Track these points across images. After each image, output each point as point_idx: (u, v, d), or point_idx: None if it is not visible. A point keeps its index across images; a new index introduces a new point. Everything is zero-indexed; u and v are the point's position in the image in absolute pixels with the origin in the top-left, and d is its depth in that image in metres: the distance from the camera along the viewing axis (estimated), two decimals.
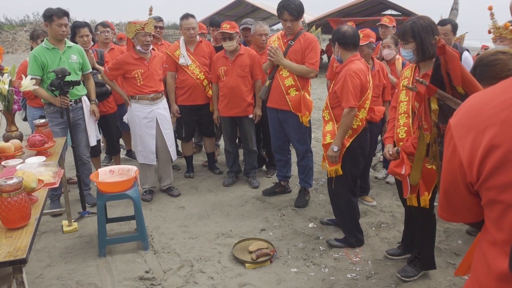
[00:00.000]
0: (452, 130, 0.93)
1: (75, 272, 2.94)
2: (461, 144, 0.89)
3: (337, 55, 3.16)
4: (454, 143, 0.91)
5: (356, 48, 3.10)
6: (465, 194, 0.95)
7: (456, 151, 0.91)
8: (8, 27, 21.65)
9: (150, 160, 4.14)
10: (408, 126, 2.60)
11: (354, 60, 3.04)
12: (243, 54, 4.25)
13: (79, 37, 4.24)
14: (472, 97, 0.94)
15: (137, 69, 3.95)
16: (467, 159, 0.88)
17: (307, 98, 3.83)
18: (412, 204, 2.65)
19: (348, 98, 2.95)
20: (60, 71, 3.43)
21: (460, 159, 0.90)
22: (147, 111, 4.03)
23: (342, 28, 3.07)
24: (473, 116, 0.88)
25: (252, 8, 19.80)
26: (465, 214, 1.02)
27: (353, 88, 2.94)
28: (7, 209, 1.79)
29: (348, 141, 3.06)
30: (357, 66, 3.01)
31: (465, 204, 0.98)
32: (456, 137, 0.91)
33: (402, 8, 15.59)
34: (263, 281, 2.83)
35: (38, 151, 2.89)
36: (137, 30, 3.84)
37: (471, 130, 0.87)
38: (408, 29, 2.43)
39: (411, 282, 2.78)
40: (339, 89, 3.01)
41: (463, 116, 0.91)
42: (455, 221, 1.12)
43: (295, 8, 3.61)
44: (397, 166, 2.59)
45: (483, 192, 0.89)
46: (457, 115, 0.94)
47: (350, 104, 2.94)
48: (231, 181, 4.62)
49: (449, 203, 1.03)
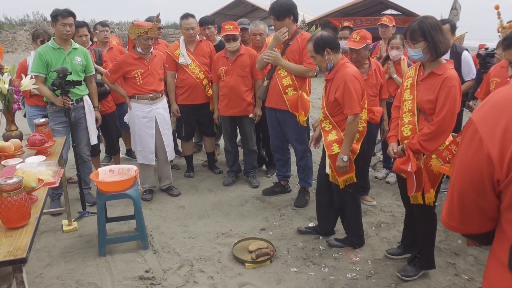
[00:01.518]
0: (476, 124, 0.87)
1: (75, 272, 2.94)
2: (490, 138, 0.83)
3: (329, 62, 2.95)
4: (480, 137, 0.86)
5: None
6: (488, 194, 0.88)
7: (483, 146, 0.85)
8: (8, 27, 21.66)
9: (149, 160, 4.15)
10: (414, 124, 2.61)
11: (345, 63, 2.97)
12: (243, 54, 4.25)
13: (77, 37, 4.26)
14: (496, 92, 0.89)
15: (137, 69, 3.95)
16: (497, 153, 0.82)
17: (304, 98, 3.83)
18: (417, 202, 2.65)
19: (352, 104, 2.85)
20: (61, 70, 3.44)
21: (488, 153, 0.84)
22: (146, 110, 4.03)
23: (324, 34, 2.95)
24: (503, 109, 0.83)
25: (252, 8, 19.81)
26: (478, 221, 0.95)
27: (355, 93, 2.85)
28: (7, 209, 1.79)
29: (358, 145, 3.00)
30: (352, 69, 2.93)
31: (482, 209, 0.92)
32: (482, 131, 0.85)
33: (402, 8, 15.58)
34: (263, 280, 2.83)
35: (38, 151, 2.89)
36: (140, 33, 3.84)
37: (501, 122, 0.82)
38: (417, 29, 2.43)
39: (411, 282, 2.78)
40: (340, 97, 2.88)
41: (491, 110, 0.86)
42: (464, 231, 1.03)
43: (276, 8, 3.64)
44: (403, 163, 2.59)
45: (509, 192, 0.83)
46: (482, 109, 0.88)
47: (356, 110, 2.86)
48: (231, 180, 4.62)
49: (462, 209, 0.95)
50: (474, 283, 2.78)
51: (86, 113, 3.91)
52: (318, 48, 2.93)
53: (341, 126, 2.99)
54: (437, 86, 2.45)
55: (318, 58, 2.97)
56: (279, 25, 3.71)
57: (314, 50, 2.95)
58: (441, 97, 2.43)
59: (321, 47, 2.92)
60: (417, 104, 2.59)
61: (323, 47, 2.91)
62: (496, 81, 3.23)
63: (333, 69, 2.97)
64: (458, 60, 3.93)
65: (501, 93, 0.87)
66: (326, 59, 2.94)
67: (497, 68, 3.28)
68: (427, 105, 2.51)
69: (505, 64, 3.15)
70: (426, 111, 2.54)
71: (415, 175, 2.58)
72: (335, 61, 2.96)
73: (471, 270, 2.93)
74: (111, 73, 4.02)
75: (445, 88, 2.41)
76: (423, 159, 2.57)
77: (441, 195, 4.01)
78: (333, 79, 2.97)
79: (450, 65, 2.51)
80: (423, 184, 2.59)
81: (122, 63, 3.97)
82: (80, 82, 3.68)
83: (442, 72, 2.46)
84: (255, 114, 4.35)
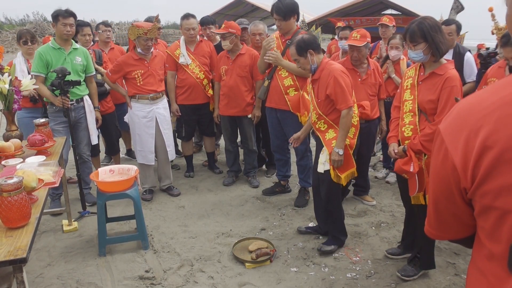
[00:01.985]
0: (442, 135, 0.89)
1: (75, 272, 2.94)
2: (454, 147, 0.85)
3: (313, 63, 2.98)
4: (446, 147, 0.87)
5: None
6: (458, 202, 0.89)
7: (449, 155, 0.86)
8: (8, 27, 21.69)
9: (148, 160, 4.15)
10: (415, 124, 2.61)
11: (329, 61, 3.01)
12: (244, 54, 4.25)
13: (81, 36, 4.27)
14: (461, 101, 0.89)
15: (137, 69, 3.96)
16: (460, 162, 0.84)
17: (306, 98, 3.83)
18: (419, 203, 2.65)
19: (346, 98, 2.89)
20: (60, 71, 3.45)
21: (453, 163, 0.85)
22: (147, 110, 4.03)
23: (304, 37, 2.98)
24: (465, 118, 0.84)
25: (252, 8, 19.78)
26: (455, 228, 0.96)
27: (346, 86, 2.89)
28: (7, 209, 1.79)
29: (354, 139, 3.04)
30: (338, 65, 2.97)
31: (457, 216, 0.93)
32: (447, 141, 0.87)
33: (402, 7, 15.56)
34: (263, 280, 2.83)
35: (38, 151, 2.89)
36: (139, 34, 3.84)
37: (463, 132, 0.83)
38: (417, 30, 2.42)
39: (411, 282, 2.78)
40: (332, 93, 2.90)
41: (454, 119, 0.87)
42: (443, 238, 1.06)
43: (281, 8, 3.62)
44: (405, 164, 2.59)
45: (477, 199, 0.84)
46: (447, 119, 0.90)
47: (349, 103, 2.90)
48: (231, 180, 4.63)
49: (438, 216, 0.98)
50: None
51: (86, 113, 3.91)
52: (301, 51, 2.96)
53: (337, 123, 3.00)
54: (438, 86, 2.45)
55: (302, 60, 3.00)
56: (284, 25, 3.71)
57: (297, 53, 2.97)
58: (442, 97, 2.43)
59: (303, 49, 2.95)
60: (418, 104, 2.59)
61: (306, 49, 2.94)
62: (494, 81, 3.23)
63: (318, 69, 3.00)
64: (460, 61, 3.93)
65: (465, 102, 0.88)
66: (309, 60, 2.97)
67: (495, 68, 3.28)
68: (428, 105, 2.51)
69: (502, 64, 3.15)
70: (427, 111, 2.54)
71: (417, 176, 2.58)
72: (318, 61, 3.00)
73: None
74: (112, 73, 4.03)
75: (446, 88, 2.42)
76: (424, 159, 2.57)
77: None
78: (319, 78, 2.99)
79: (450, 65, 2.51)
80: (424, 185, 2.59)
81: (122, 64, 3.97)
82: (80, 82, 3.68)
83: (443, 72, 2.46)
84: (254, 115, 4.35)
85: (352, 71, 3.60)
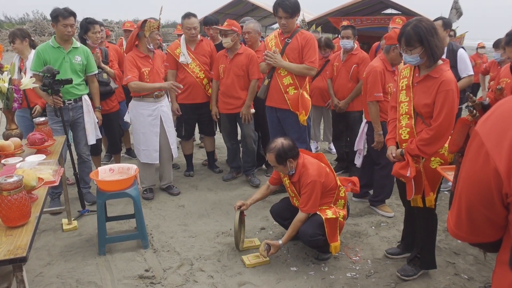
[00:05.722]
0: (482, 138, 0.85)
1: (75, 271, 2.94)
2: (497, 152, 0.82)
3: (291, 169, 3.03)
4: (486, 151, 0.84)
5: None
6: (497, 207, 0.87)
7: (490, 160, 0.83)
8: (8, 25, 21.66)
9: (152, 159, 4.13)
10: (411, 127, 2.57)
11: (303, 162, 3.03)
12: (241, 54, 4.27)
13: (92, 33, 4.23)
14: (501, 104, 0.86)
15: (145, 67, 3.94)
16: (505, 167, 0.80)
17: (305, 97, 3.84)
18: (417, 205, 2.64)
19: (313, 203, 2.95)
20: (47, 70, 3.39)
21: (495, 168, 0.82)
22: (152, 108, 4.03)
23: (285, 145, 2.94)
24: (509, 121, 0.81)
25: (252, 7, 19.78)
26: (488, 232, 0.94)
27: (316, 194, 2.97)
28: (7, 208, 1.78)
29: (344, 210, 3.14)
30: (314, 172, 2.98)
31: (491, 219, 0.90)
32: (488, 145, 0.84)
33: (402, 7, 15.56)
34: (263, 280, 2.83)
35: (38, 149, 2.89)
36: (154, 29, 3.85)
37: (507, 136, 0.80)
38: (413, 34, 2.35)
39: (410, 281, 2.78)
40: (305, 193, 2.95)
41: (496, 122, 0.84)
42: (472, 241, 1.02)
43: (289, 5, 3.62)
44: (402, 168, 2.57)
45: None
46: (487, 122, 0.87)
47: (314, 209, 2.99)
48: (231, 176, 4.66)
49: (471, 221, 0.95)
50: (474, 282, 2.78)
51: (84, 113, 3.89)
52: (281, 160, 2.96)
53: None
54: (433, 89, 2.41)
55: (280, 167, 3.02)
56: (290, 22, 3.71)
57: (276, 161, 2.97)
58: (438, 101, 2.40)
59: (283, 158, 2.95)
60: (413, 107, 2.57)
61: (285, 158, 2.94)
62: (506, 81, 3.23)
63: (296, 173, 3.01)
64: (454, 58, 3.96)
65: (506, 104, 0.85)
66: (288, 167, 2.99)
67: (507, 69, 3.29)
68: (424, 109, 2.48)
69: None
70: (423, 114, 2.52)
71: (414, 179, 2.57)
72: (295, 165, 3.01)
73: (470, 269, 2.93)
74: (131, 73, 3.83)
75: (442, 92, 2.38)
76: (422, 162, 2.56)
77: (441, 195, 4.02)
78: (299, 180, 2.99)
79: (446, 66, 2.46)
80: (422, 187, 2.58)
81: (133, 60, 3.91)
82: (71, 81, 3.57)
83: (438, 75, 2.42)
84: (242, 113, 4.35)
85: (391, 73, 3.62)
